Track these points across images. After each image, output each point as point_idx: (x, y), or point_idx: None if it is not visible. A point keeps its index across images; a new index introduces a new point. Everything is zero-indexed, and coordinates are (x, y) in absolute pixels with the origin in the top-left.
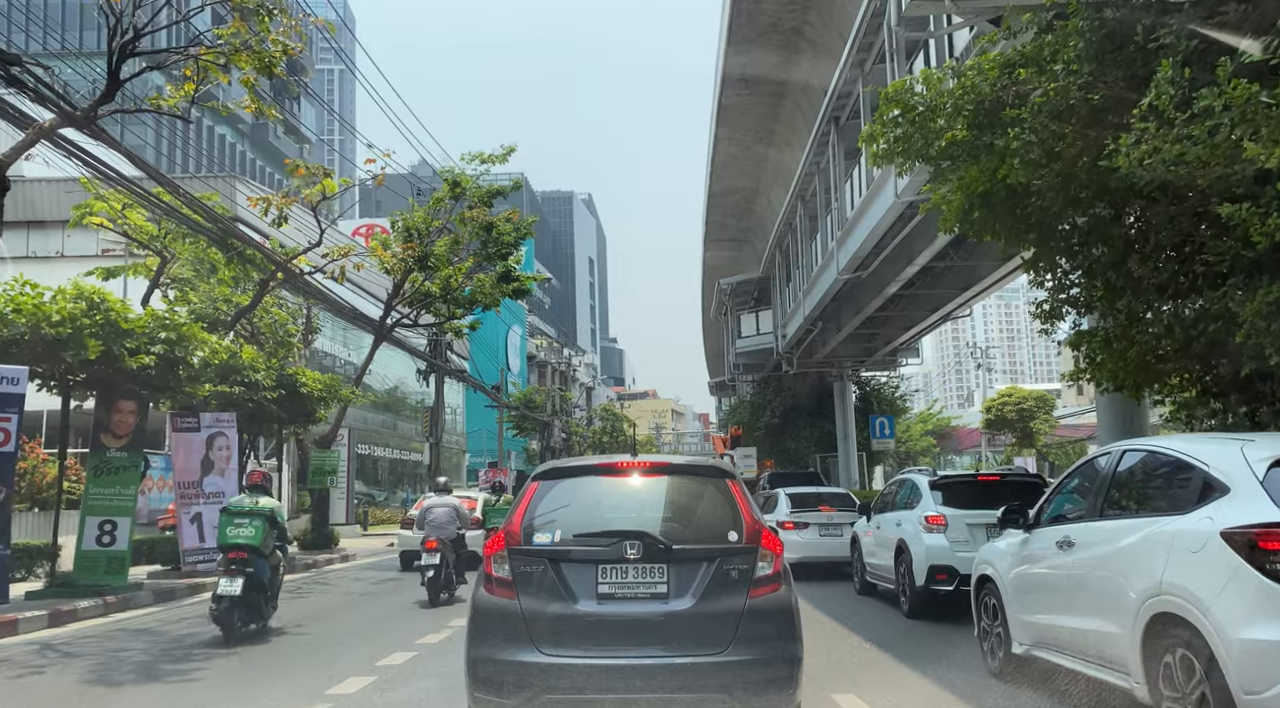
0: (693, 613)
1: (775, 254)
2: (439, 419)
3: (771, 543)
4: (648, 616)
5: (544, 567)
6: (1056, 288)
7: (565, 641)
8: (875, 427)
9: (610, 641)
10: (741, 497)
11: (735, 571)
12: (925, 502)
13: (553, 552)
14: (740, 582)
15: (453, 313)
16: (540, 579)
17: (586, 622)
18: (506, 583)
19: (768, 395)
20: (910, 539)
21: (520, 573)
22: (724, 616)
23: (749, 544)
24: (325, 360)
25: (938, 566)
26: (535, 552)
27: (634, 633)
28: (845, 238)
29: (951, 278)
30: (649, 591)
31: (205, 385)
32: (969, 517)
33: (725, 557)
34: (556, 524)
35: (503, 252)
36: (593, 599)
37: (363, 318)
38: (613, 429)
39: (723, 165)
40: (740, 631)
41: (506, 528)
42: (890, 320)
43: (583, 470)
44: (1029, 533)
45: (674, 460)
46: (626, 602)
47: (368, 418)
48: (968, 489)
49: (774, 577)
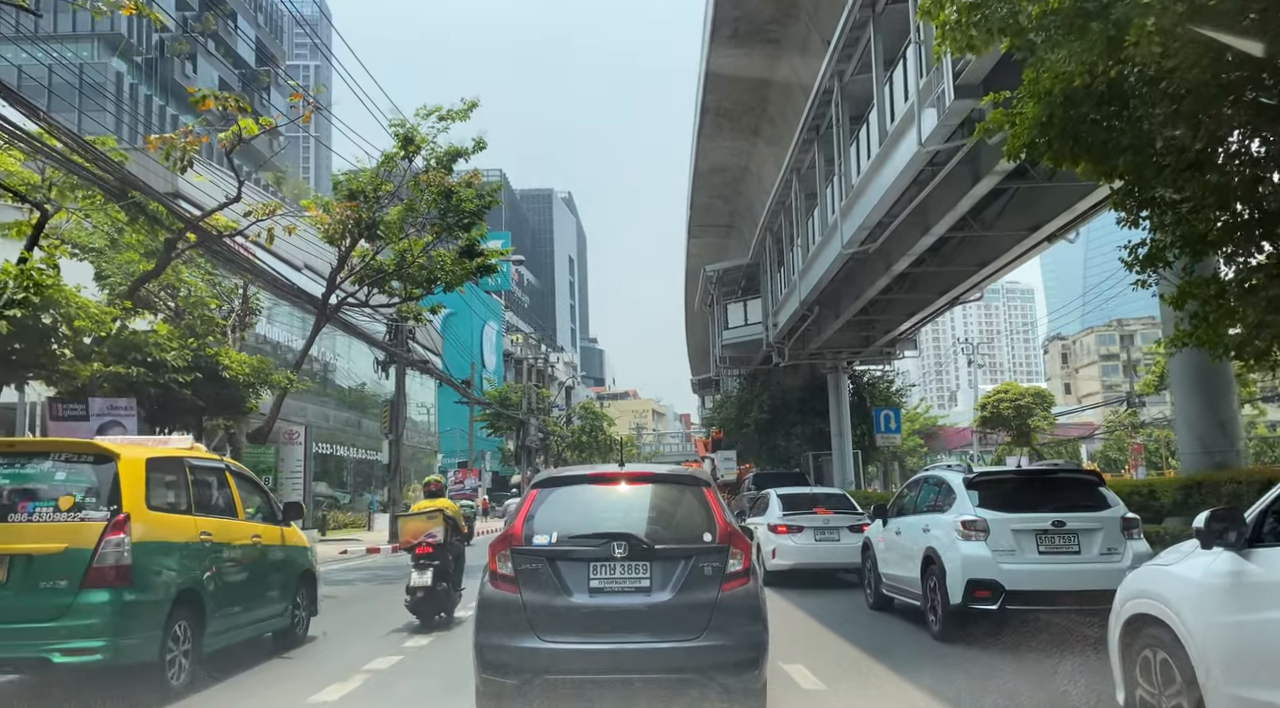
0: (672, 604)
1: (766, 237)
2: (400, 413)
3: (741, 543)
4: (633, 606)
5: (542, 564)
6: (1162, 221)
7: (561, 629)
8: (880, 420)
9: (600, 629)
10: (715, 502)
11: (709, 567)
12: (960, 503)
13: (550, 551)
14: (713, 577)
15: (409, 292)
16: (539, 575)
17: (580, 612)
18: (510, 579)
19: (755, 390)
20: (943, 548)
21: (522, 570)
22: (699, 606)
23: (721, 544)
24: (278, 352)
25: (978, 580)
26: (535, 551)
27: (621, 622)
28: (851, 207)
29: (968, 253)
30: (634, 585)
31: (93, 364)
32: (1015, 521)
33: (700, 555)
34: (553, 527)
35: (464, 222)
36: (585, 593)
37: (302, 295)
38: (592, 428)
39: (710, 139)
40: (713, 619)
41: (509, 530)
42: (894, 305)
43: (576, 480)
44: (1249, 560)
45: (656, 470)
46: (614, 595)
47: (330, 416)
48: (1011, 488)
49: (743, 572)
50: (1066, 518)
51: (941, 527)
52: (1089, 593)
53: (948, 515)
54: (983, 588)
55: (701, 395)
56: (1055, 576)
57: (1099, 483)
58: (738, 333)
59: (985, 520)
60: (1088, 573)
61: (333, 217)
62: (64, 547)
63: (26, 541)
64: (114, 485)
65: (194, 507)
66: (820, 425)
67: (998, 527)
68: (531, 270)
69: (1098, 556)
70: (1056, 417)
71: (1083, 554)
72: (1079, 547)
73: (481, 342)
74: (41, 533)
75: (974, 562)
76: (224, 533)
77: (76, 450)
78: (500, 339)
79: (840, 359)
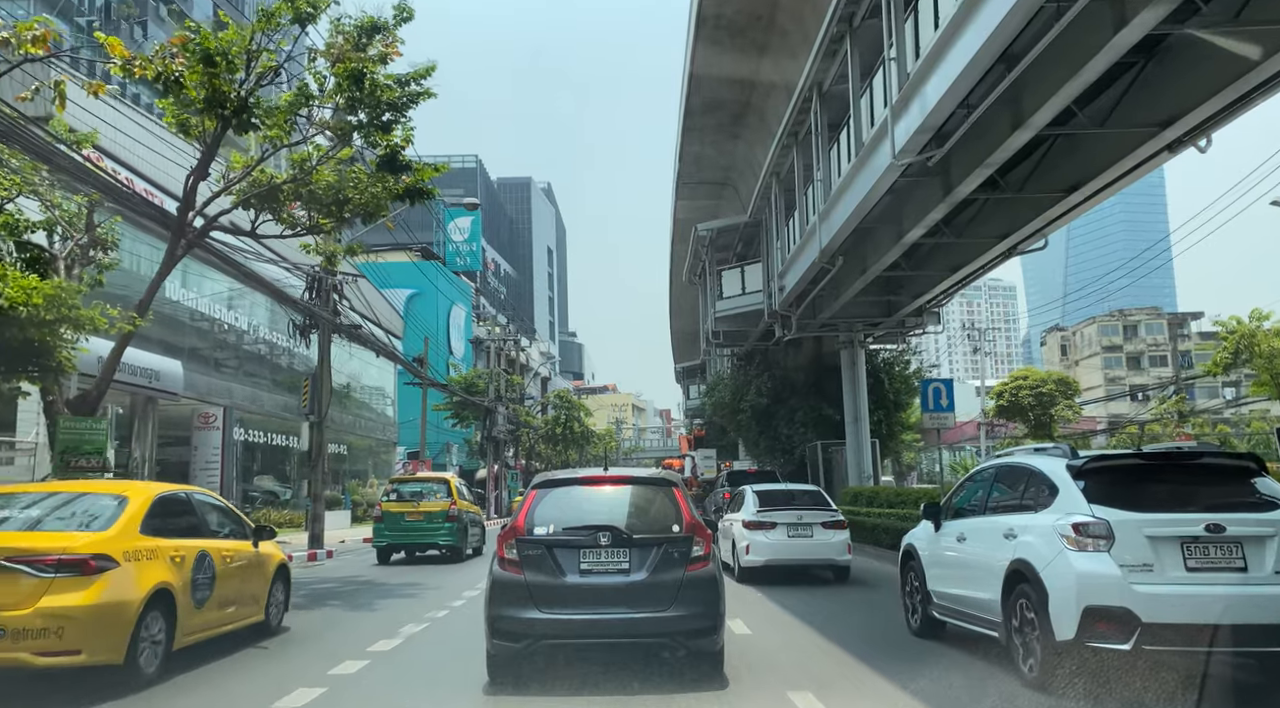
0: (646, 582)
1: (772, 185)
2: (322, 389)
3: (703, 533)
4: (615, 584)
5: (542, 551)
6: None
7: (557, 602)
8: (929, 395)
9: (589, 602)
10: (682, 499)
11: (676, 553)
12: (1065, 498)
13: (548, 540)
14: (680, 560)
15: (316, 221)
16: (539, 560)
17: (572, 589)
18: (515, 562)
19: (752, 372)
20: (1041, 562)
21: (525, 555)
22: (668, 584)
23: (687, 534)
24: (195, 320)
25: (1100, 608)
26: (535, 540)
27: (605, 597)
28: (912, 95)
29: (1060, 166)
30: (616, 567)
31: None
32: (1151, 524)
33: (669, 543)
34: (550, 520)
35: (382, 118)
36: (576, 574)
37: (152, 211)
38: (567, 419)
39: (705, 64)
40: (680, 595)
41: (514, 523)
42: (934, 256)
43: (569, 482)
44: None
45: (635, 474)
46: (600, 575)
47: (262, 399)
48: (1136, 478)
49: (704, 557)
50: (1226, 520)
51: (1037, 532)
52: (1264, 629)
53: (1045, 516)
54: (1107, 619)
55: (686, 385)
56: (1214, 603)
57: (1259, 470)
58: (733, 303)
59: (1107, 523)
60: (1260, 600)
61: (163, 57)
62: None
63: None
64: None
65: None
66: (828, 411)
67: (1126, 532)
68: (509, 261)
69: (1271, 574)
70: (1082, 406)
71: (1250, 572)
72: (1244, 561)
73: (449, 326)
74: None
75: (1094, 582)
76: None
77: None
78: (469, 323)
79: (856, 333)
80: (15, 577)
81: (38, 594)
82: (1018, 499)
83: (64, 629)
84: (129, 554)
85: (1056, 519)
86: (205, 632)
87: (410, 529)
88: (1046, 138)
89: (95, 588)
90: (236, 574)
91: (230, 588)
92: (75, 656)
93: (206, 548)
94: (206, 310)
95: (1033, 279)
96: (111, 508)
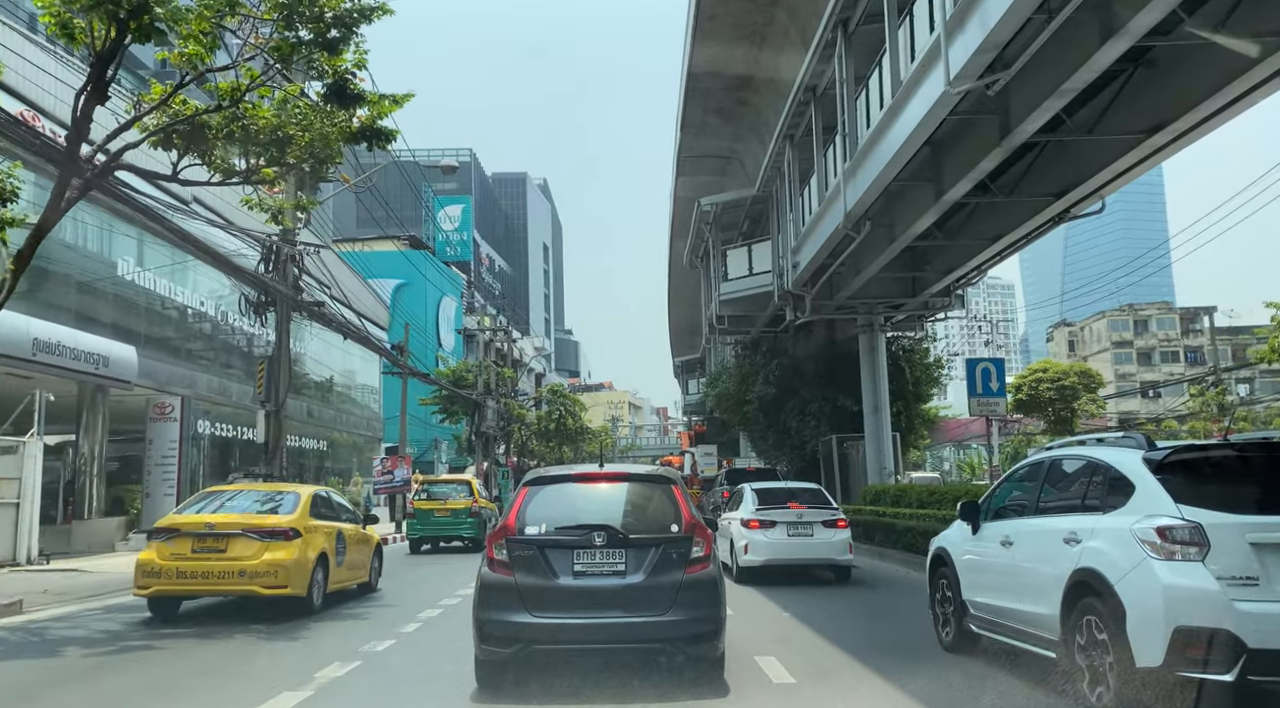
0: (643, 585)
1: (785, 151)
2: (280, 374)
3: (703, 533)
4: (610, 587)
5: (533, 551)
6: None
7: (549, 606)
8: (976, 378)
9: (583, 606)
10: (681, 497)
11: (675, 554)
12: (1145, 497)
13: (540, 540)
14: (679, 562)
15: (255, 167)
16: (531, 561)
17: (565, 592)
18: (505, 564)
19: (759, 360)
20: (1116, 572)
21: (515, 556)
22: (666, 587)
23: (686, 534)
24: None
25: (1194, 629)
26: (527, 540)
27: (600, 600)
28: (969, 9)
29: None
30: (611, 569)
31: None
32: (1256, 529)
33: (668, 543)
34: (542, 519)
35: (326, 37)
36: (570, 575)
37: (34, 137)
38: (561, 414)
39: (710, 20)
40: (679, 598)
41: (504, 522)
42: (968, 226)
43: (562, 478)
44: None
45: (631, 470)
46: (594, 577)
47: (231, 390)
48: (1227, 474)
49: (704, 558)
50: None
51: (1108, 537)
52: None
53: (1118, 518)
54: (1199, 643)
55: (685, 380)
56: None
57: None
58: (739, 285)
59: (1200, 527)
60: None
61: None
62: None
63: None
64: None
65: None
66: (844, 401)
67: (1224, 538)
68: (504, 257)
69: None
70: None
71: None
72: None
73: (438, 318)
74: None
75: (1186, 598)
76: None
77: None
78: (460, 315)
79: (876, 314)
80: (250, 540)
81: (262, 551)
82: (1079, 498)
83: (278, 572)
84: (306, 529)
85: (1134, 522)
86: (340, 584)
87: (439, 524)
88: (1122, 69)
89: (292, 547)
90: (355, 547)
91: (353, 556)
92: (284, 589)
93: (341, 529)
94: (167, 292)
95: (1030, 276)
96: (294, 500)
